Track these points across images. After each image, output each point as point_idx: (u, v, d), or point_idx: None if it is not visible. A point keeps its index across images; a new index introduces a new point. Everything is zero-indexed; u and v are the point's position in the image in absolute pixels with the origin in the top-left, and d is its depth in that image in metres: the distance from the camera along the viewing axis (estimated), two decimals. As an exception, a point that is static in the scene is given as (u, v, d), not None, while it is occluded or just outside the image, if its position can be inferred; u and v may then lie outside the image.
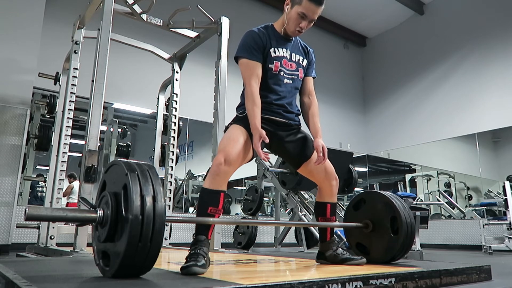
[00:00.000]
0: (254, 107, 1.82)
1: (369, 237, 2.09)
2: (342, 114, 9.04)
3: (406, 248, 2.02)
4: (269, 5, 8.20)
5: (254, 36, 1.94)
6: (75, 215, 1.35)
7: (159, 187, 1.30)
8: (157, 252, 1.28)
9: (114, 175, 1.38)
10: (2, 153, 4.12)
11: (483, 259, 4.26)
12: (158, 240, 1.25)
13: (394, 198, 2.07)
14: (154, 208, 1.24)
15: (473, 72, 7.63)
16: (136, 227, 1.20)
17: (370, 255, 2.09)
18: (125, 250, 1.20)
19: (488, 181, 7.73)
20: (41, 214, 1.28)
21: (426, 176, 8.69)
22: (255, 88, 1.86)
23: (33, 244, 3.51)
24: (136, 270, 1.29)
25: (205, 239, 1.67)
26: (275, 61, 1.95)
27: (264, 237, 6.00)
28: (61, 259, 2.29)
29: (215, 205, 1.70)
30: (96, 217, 1.32)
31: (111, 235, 1.28)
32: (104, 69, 2.92)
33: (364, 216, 2.11)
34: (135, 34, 4.54)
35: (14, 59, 4.41)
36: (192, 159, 7.38)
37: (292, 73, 2.02)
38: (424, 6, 8.66)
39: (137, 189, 1.24)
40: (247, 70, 1.89)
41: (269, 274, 1.75)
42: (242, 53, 1.92)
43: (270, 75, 1.95)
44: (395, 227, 1.99)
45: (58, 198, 3.27)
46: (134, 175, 1.27)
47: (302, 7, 1.89)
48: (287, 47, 2.03)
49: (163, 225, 1.26)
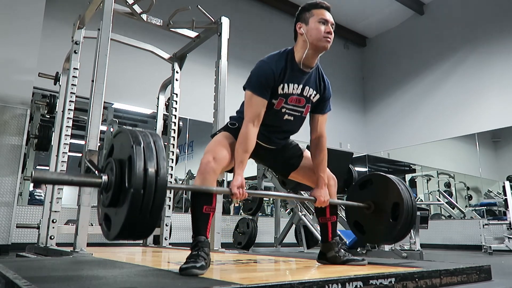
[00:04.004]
0: (244, 154, 1.76)
1: (368, 218, 2.09)
2: (342, 114, 9.04)
3: (402, 235, 2.03)
4: (269, 5, 8.20)
5: (268, 71, 1.81)
6: (81, 179, 1.39)
7: (163, 160, 1.32)
8: (155, 224, 1.32)
9: (121, 143, 1.40)
10: (2, 153, 4.12)
11: (483, 259, 4.26)
12: (157, 214, 1.29)
13: (401, 184, 2.05)
14: (156, 182, 1.27)
15: (473, 72, 7.63)
16: (137, 200, 1.24)
17: (365, 235, 2.10)
18: (124, 219, 1.24)
19: (488, 181, 7.73)
20: (47, 177, 1.31)
21: (426, 176, 8.69)
22: (251, 132, 1.78)
23: (33, 244, 3.51)
24: (133, 238, 1.34)
25: (205, 239, 1.66)
26: (280, 98, 1.86)
27: (264, 237, 6.00)
28: (61, 259, 2.29)
29: (209, 204, 1.70)
30: (101, 182, 1.35)
31: (114, 202, 1.32)
32: (104, 69, 2.92)
33: (368, 196, 2.11)
34: (135, 34, 4.54)
35: (14, 59, 4.41)
36: (192, 159, 7.38)
37: (296, 109, 1.91)
38: (424, 6, 8.66)
39: (141, 163, 1.27)
40: (250, 107, 1.81)
41: (269, 274, 1.75)
42: (251, 86, 1.83)
43: (271, 110, 1.87)
44: (396, 214, 1.99)
45: (59, 198, 3.26)
46: (139, 148, 1.29)
47: (317, 15, 1.84)
48: (301, 80, 1.89)
49: (163, 200, 1.30)
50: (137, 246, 4.31)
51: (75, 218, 2.76)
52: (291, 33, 1.95)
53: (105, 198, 1.35)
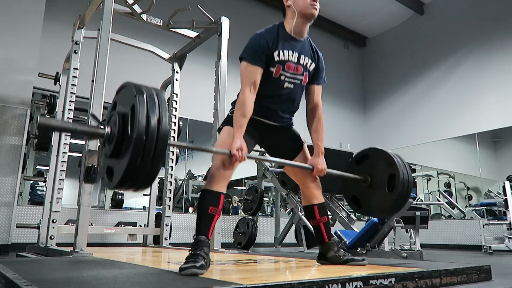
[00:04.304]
0: (242, 118, 1.78)
1: (365, 191, 2.11)
2: (342, 114, 9.05)
3: (398, 206, 2.03)
4: (269, 5, 8.19)
5: (260, 39, 1.87)
6: (85, 129, 1.42)
7: (165, 111, 1.35)
8: (156, 172, 1.34)
9: (124, 96, 1.42)
10: (2, 153, 4.12)
11: (483, 259, 4.26)
12: (158, 161, 1.31)
13: (397, 157, 2.08)
14: (158, 130, 1.29)
15: (473, 72, 7.63)
16: (139, 146, 1.26)
17: (361, 208, 2.13)
18: (127, 166, 1.26)
19: (488, 181, 7.73)
20: (53, 124, 1.34)
21: (426, 176, 8.69)
22: (248, 97, 1.81)
23: (33, 244, 3.51)
24: (135, 186, 1.35)
25: (205, 239, 1.67)
26: (277, 65, 1.89)
27: (264, 237, 6.00)
28: (61, 259, 2.29)
29: (216, 206, 1.72)
30: (104, 133, 1.37)
31: (116, 152, 1.34)
32: (104, 69, 2.93)
33: (365, 171, 2.12)
34: (135, 34, 4.54)
35: (14, 59, 4.41)
36: (192, 159, 7.38)
37: (295, 77, 1.94)
38: (424, 6, 8.66)
39: (144, 111, 1.29)
40: (245, 74, 1.84)
41: (269, 274, 1.75)
42: (245, 55, 1.87)
43: (270, 79, 1.90)
44: (392, 185, 2.00)
45: (59, 198, 3.27)
46: (142, 97, 1.32)
47: None
48: (296, 48, 1.94)
49: (165, 147, 1.32)
50: (137, 246, 4.31)
51: (75, 218, 2.76)
52: None
53: (108, 150, 1.38)
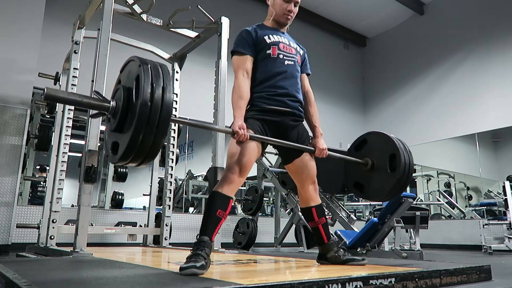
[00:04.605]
0: (240, 100, 1.86)
1: (367, 175, 2.10)
2: (342, 114, 9.05)
3: (402, 186, 2.02)
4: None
5: (246, 32, 1.99)
6: (91, 101, 1.41)
7: (169, 81, 1.35)
8: (161, 139, 1.32)
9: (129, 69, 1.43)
10: (2, 153, 4.12)
11: (483, 259, 4.26)
12: (163, 128, 1.30)
13: (395, 138, 2.08)
14: (162, 97, 1.29)
15: (473, 72, 7.63)
16: (144, 113, 1.25)
17: (365, 193, 2.12)
18: (131, 136, 1.25)
19: (488, 181, 7.73)
20: (59, 95, 1.34)
21: (426, 176, 8.68)
22: (242, 81, 1.89)
23: (33, 244, 3.51)
24: (139, 158, 1.33)
25: (208, 240, 1.66)
26: (272, 46, 1.98)
27: (264, 237, 6.00)
28: (61, 259, 2.29)
29: (224, 209, 1.73)
30: (109, 106, 1.38)
31: (121, 125, 1.34)
32: (104, 69, 2.93)
33: (365, 155, 2.12)
34: (135, 34, 4.53)
35: (14, 59, 4.41)
36: (192, 159, 7.38)
37: (291, 56, 2.03)
38: (424, 6, 8.66)
39: (149, 80, 1.30)
40: (237, 63, 1.94)
41: (269, 274, 1.75)
42: (235, 47, 1.98)
43: (270, 60, 1.98)
44: (394, 165, 2.00)
45: (59, 198, 3.27)
46: (147, 67, 1.33)
47: None
48: (281, 35, 2.06)
49: (169, 114, 1.31)
50: (137, 246, 4.31)
51: (75, 218, 2.76)
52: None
53: (113, 124, 1.37)
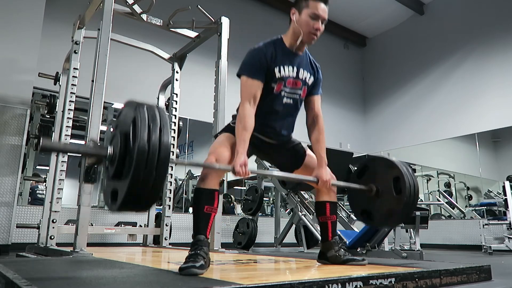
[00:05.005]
0: (244, 132, 1.76)
1: (373, 201, 2.07)
2: (342, 114, 9.05)
3: (410, 208, 1.98)
4: (269, 5, 8.20)
5: (259, 54, 1.85)
6: (87, 150, 1.40)
7: (166, 122, 1.33)
8: (162, 182, 1.30)
9: (125, 114, 1.41)
10: (2, 153, 4.12)
11: (483, 259, 4.26)
12: (163, 170, 1.27)
13: (397, 160, 2.06)
14: (160, 140, 1.27)
15: (473, 72, 7.63)
16: (142, 156, 1.23)
17: (374, 220, 2.08)
18: (130, 180, 1.23)
19: (488, 181, 7.73)
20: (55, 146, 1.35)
21: (426, 176, 8.68)
22: (248, 111, 1.79)
23: (33, 244, 3.51)
24: (141, 202, 1.30)
25: (204, 238, 1.67)
26: (279, 82, 1.88)
27: (264, 237, 6.00)
28: (61, 259, 2.29)
29: (211, 204, 1.70)
30: (106, 153, 1.36)
31: (119, 171, 1.32)
32: (104, 69, 2.93)
33: (368, 182, 2.10)
34: (135, 34, 4.54)
35: (14, 59, 4.41)
36: (192, 159, 7.37)
37: (294, 92, 1.94)
38: (424, 6, 8.66)
39: (145, 121, 1.28)
40: (245, 88, 1.83)
41: (269, 274, 1.75)
42: (244, 70, 1.85)
43: (270, 95, 1.89)
44: (399, 187, 1.97)
45: (59, 198, 3.26)
46: (143, 109, 1.31)
47: (310, 8, 1.84)
48: (295, 63, 1.93)
49: (168, 155, 1.29)
50: (137, 246, 4.31)
51: (75, 218, 2.76)
52: None
53: (111, 170, 1.36)
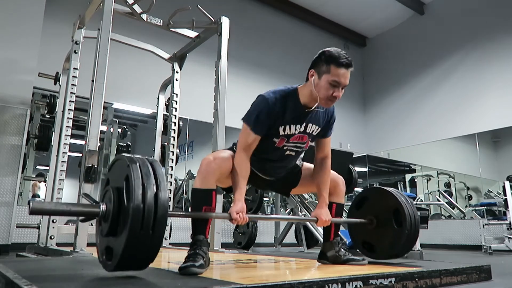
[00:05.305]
0: (241, 179, 1.76)
1: (374, 233, 2.08)
2: (342, 114, 9.02)
3: (412, 240, 1.99)
4: (269, 5, 8.19)
5: (266, 108, 1.78)
6: (79, 209, 1.35)
7: (162, 177, 1.28)
8: (159, 242, 1.24)
9: (117, 170, 1.37)
10: (2, 153, 4.12)
11: (483, 259, 4.26)
12: (160, 229, 1.22)
13: (395, 191, 2.07)
14: (156, 197, 1.22)
15: (473, 72, 7.63)
16: (137, 216, 1.18)
17: (376, 252, 2.08)
18: (126, 240, 1.17)
19: (488, 181, 7.72)
20: (45, 208, 1.30)
21: (426, 176, 8.68)
22: (244, 158, 1.79)
23: (33, 244, 3.51)
24: (138, 262, 1.25)
25: (203, 238, 1.67)
26: (281, 138, 1.85)
27: (264, 237, 6.00)
28: (61, 259, 2.29)
29: (209, 204, 1.70)
30: (99, 211, 1.30)
31: (114, 228, 1.26)
32: (104, 69, 2.92)
33: (368, 213, 2.11)
34: (135, 34, 4.53)
35: (14, 59, 4.41)
36: (192, 159, 7.37)
37: (298, 145, 1.92)
38: (424, 6, 8.66)
39: (139, 179, 1.23)
40: (243, 136, 1.82)
41: (269, 274, 1.75)
42: (247, 120, 1.82)
43: (272, 147, 1.88)
44: (399, 220, 1.98)
45: (59, 198, 3.27)
46: (135, 166, 1.26)
47: (331, 75, 1.74)
48: (304, 119, 1.87)
49: (165, 214, 1.23)
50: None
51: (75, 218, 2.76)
52: (291, 34, 1.98)
53: (104, 228, 1.31)
